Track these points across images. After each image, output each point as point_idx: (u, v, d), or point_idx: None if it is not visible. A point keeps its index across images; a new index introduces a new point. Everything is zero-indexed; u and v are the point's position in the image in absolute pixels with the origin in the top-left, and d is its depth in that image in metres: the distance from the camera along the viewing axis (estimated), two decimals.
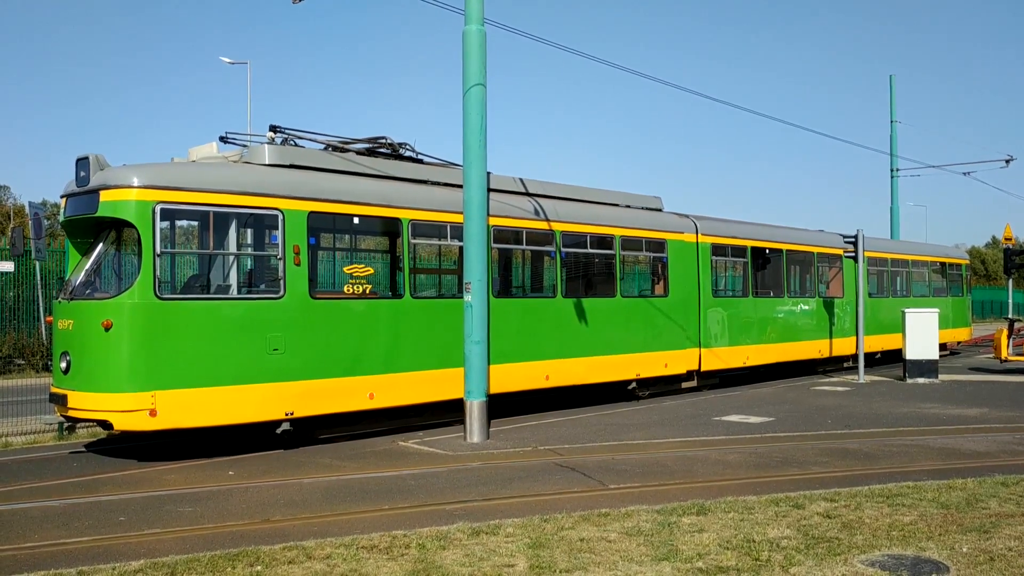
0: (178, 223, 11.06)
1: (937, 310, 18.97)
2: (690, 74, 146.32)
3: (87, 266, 10.14)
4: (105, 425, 9.67)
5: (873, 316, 21.81)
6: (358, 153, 12.19)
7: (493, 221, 12.36)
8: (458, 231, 11.95)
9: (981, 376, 19.61)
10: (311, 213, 10.65)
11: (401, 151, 12.75)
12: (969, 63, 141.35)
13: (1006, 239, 27.82)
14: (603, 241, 14.91)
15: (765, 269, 19.07)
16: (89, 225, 10.26)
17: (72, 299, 9.92)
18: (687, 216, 17.17)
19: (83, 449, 10.76)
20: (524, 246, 13.92)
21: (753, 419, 12.78)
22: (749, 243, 18.38)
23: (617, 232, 15.09)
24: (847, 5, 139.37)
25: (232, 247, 10.41)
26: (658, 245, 16.04)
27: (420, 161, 12.93)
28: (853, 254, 18.95)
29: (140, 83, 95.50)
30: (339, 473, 9.14)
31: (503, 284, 14.37)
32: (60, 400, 9.78)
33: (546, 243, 13.94)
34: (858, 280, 18.98)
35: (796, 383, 18.47)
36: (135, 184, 9.49)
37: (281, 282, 10.32)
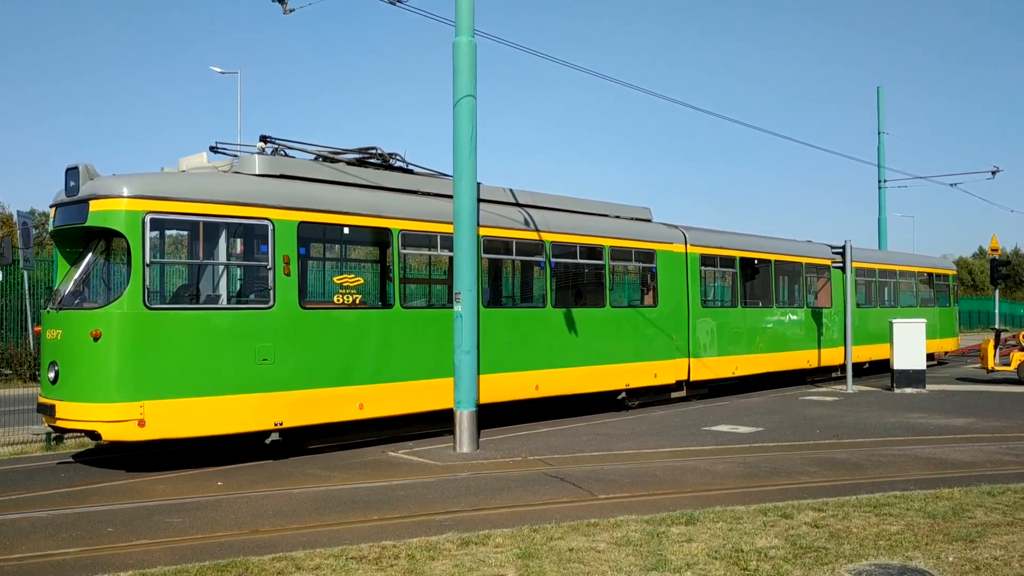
0: (168, 233, 11.06)
1: (924, 320, 19.10)
2: (679, 85, 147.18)
3: (76, 276, 10.12)
4: (93, 435, 9.63)
5: (861, 326, 21.93)
6: (348, 163, 12.22)
7: (483, 231, 12.39)
8: (448, 241, 11.98)
9: (968, 386, 19.72)
10: (301, 223, 10.66)
11: (391, 161, 12.78)
12: (956, 75, 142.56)
13: (992, 250, 28.07)
14: (593, 251, 14.96)
15: (754, 279, 19.16)
16: (78, 235, 10.24)
17: (61, 309, 9.90)
18: (676, 227, 17.25)
19: (71, 459, 10.71)
20: (514, 256, 13.96)
21: (742, 429, 12.82)
22: (738, 253, 18.47)
23: (606, 242, 15.15)
24: (835, 16, 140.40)
25: (222, 257, 10.40)
26: (647, 255, 16.10)
27: (410, 171, 12.96)
28: (841, 264, 19.07)
29: (130, 92, 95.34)
30: (328, 483, 9.13)
31: (493, 294, 14.40)
32: (48, 410, 9.74)
33: (536, 253, 13.99)
34: (846, 290, 19.08)
35: (785, 393, 18.54)
36: (124, 194, 9.49)
37: (271, 292, 10.32)
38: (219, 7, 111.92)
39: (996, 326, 23.40)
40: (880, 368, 22.44)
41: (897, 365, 18.39)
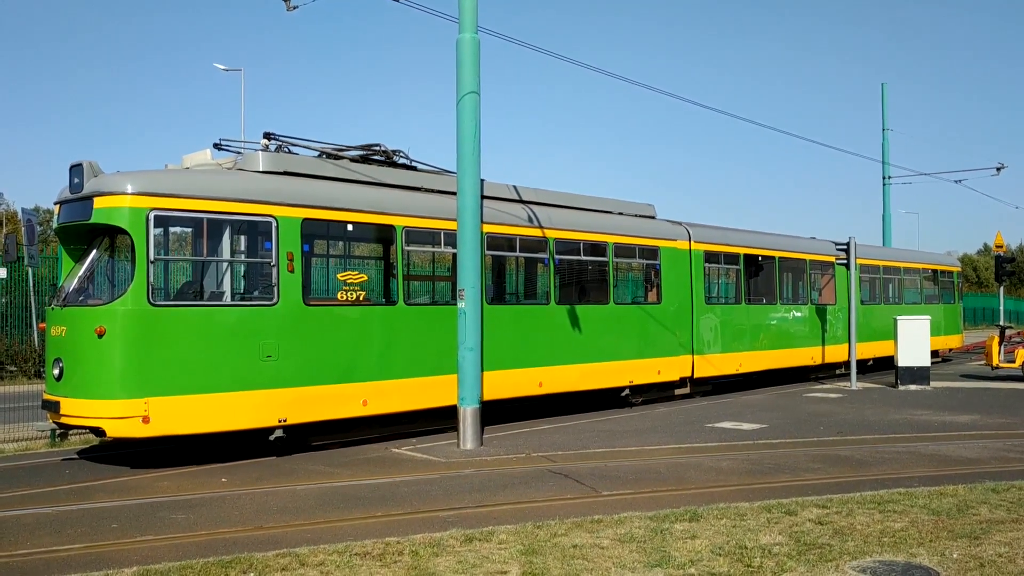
0: (172, 230, 11.07)
1: (929, 317, 19.06)
2: (683, 81, 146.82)
3: (80, 273, 10.14)
4: (98, 432, 9.66)
5: (865, 323, 21.90)
6: (352, 160, 12.22)
7: (487, 228, 12.39)
8: (452, 238, 11.98)
9: (972, 383, 19.68)
10: (305, 220, 10.66)
11: (395, 158, 12.78)
12: (960, 71, 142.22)
13: (997, 246, 27.98)
14: (596, 248, 14.95)
15: (758, 276, 19.14)
16: (83, 232, 10.26)
17: (65, 306, 9.91)
18: (680, 223, 17.23)
19: (75, 456, 10.73)
20: (517, 253, 13.96)
21: (746, 426, 12.81)
22: (742, 250, 18.44)
23: (610, 239, 15.14)
24: (839, 13, 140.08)
25: (226, 254, 10.41)
26: (651, 252, 16.09)
27: (414, 168, 12.96)
28: (845, 261, 19.04)
29: (134, 89, 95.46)
30: (332, 480, 9.14)
31: (496, 291, 14.40)
32: (53, 407, 9.77)
33: (539, 250, 13.98)
34: (850, 287, 19.07)
35: (789, 390, 18.52)
36: (129, 191, 9.50)
37: (275, 289, 10.33)
38: (222, 5, 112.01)
39: (1001, 323, 23.33)
40: (884, 365, 22.41)
41: (901, 362, 18.36)
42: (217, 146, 11.13)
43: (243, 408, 9.96)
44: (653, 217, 16.87)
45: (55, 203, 10.43)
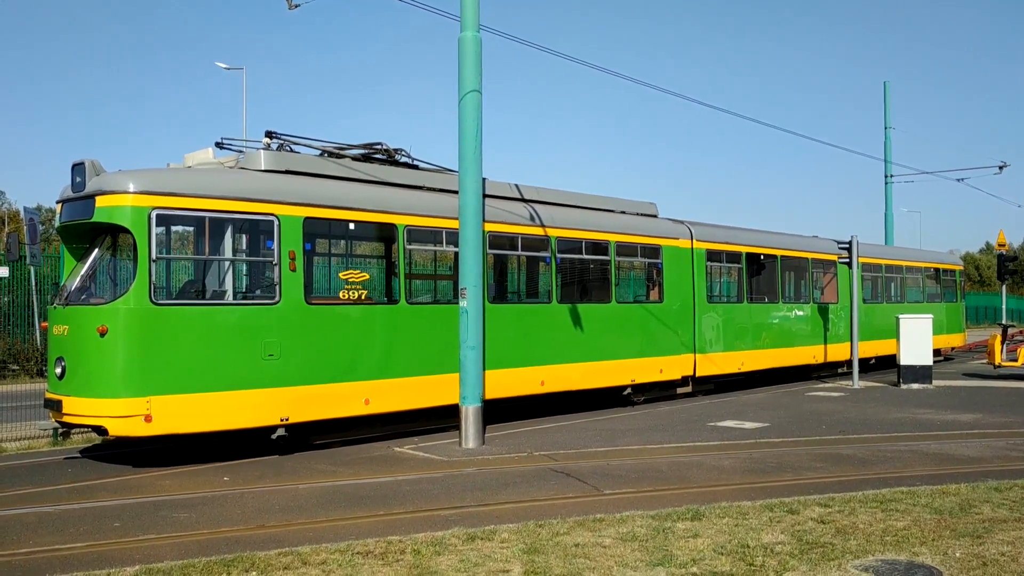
0: (174, 228, 11.08)
1: (931, 316, 19.03)
2: (685, 80, 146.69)
3: (83, 271, 10.14)
4: (100, 431, 9.66)
5: (868, 322, 21.87)
6: (354, 159, 12.21)
7: (488, 227, 12.38)
8: (453, 237, 11.98)
9: (975, 382, 19.66)
10: (307, 219, 10.66)
11: (397, 157, 12.77)
12: (962, 70, 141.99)
13: (999, 245, 27.94)
14: (598, 247, 14.94)
15: (760, 275, 19.12)
16: (85, 231, 10.27)
17: (67, 304, 9.92)
18: (682, 222, 17.21)
19: (78, 455, 10.75)
20: (519, 252, 13.95)
21: (748, 424, 12.80)
22: (744, 249, 18.43)
23: (612, 238, 15.13)
24: (842, 12, 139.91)
25: (228, 253, 10.41)
26: (653, 251, 16.07)
27: (416, 167, 12.95)
28: (847, 260, 19.02)
29: (136, 88, 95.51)
30: (334, 479, 9.15)
31: (498, 290, 14.40)
32: (55, 406, 9.78)
33: (541, 249, 13.97)
34: (852, 286, 19.05)
35: (791, 388, 18.51)
36: (131, 190, 9.50)
37: (276, 288, 10.33)
38: (224, 3, 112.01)
39: (1003, 322, 23.31)
40: (886, 364, 22.39)
41: (903, 361, 18.34)
42: (219, 145, 11.14)
43: (245, 407, 9.97)
44: (655, 216, 16.86)
45: (57, 202, 10.43)
